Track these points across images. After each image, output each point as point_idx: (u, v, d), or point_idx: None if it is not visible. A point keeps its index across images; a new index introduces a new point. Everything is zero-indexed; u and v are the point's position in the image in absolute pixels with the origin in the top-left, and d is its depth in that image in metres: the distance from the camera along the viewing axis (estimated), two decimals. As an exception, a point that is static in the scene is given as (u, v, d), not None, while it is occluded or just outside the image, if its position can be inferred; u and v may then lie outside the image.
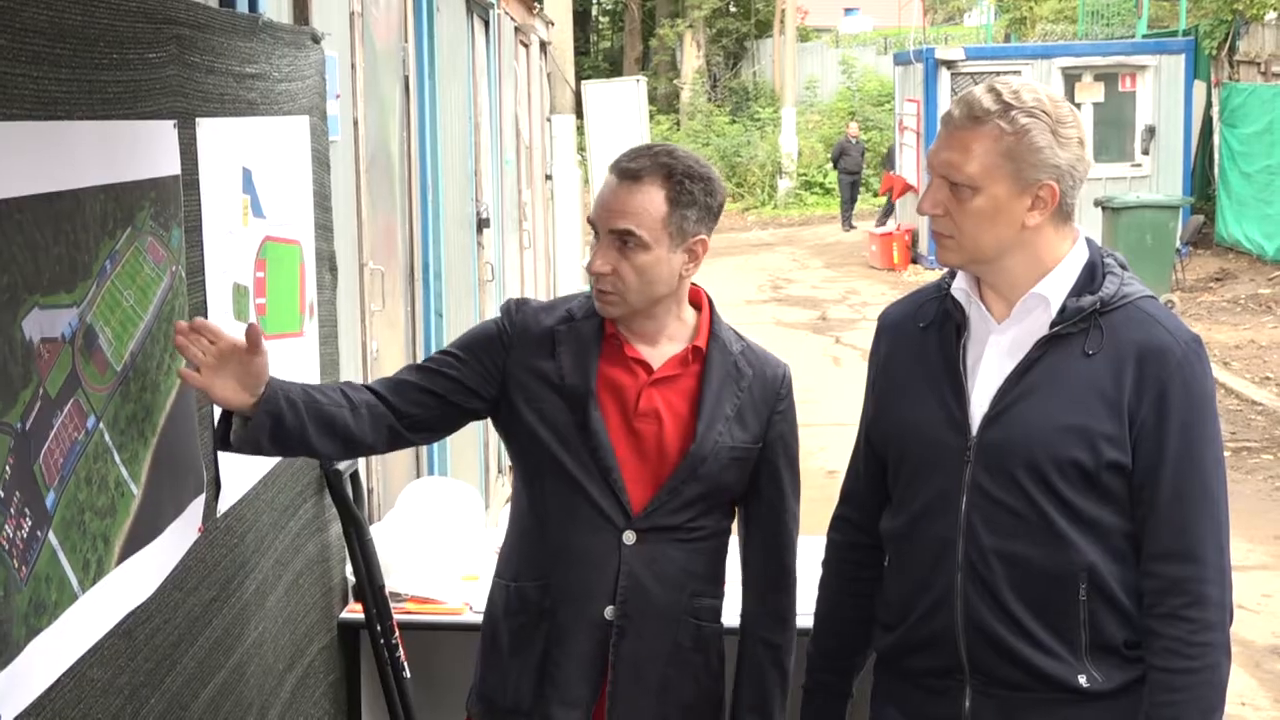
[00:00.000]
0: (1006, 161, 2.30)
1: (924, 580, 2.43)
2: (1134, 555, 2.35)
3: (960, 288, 2.46)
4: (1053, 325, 2.35)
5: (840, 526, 2.67)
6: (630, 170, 2.60)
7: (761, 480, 2.73)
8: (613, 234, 2.59)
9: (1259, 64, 18.50)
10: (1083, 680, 2.35)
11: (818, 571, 2.72)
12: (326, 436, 2.58)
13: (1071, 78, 18.70)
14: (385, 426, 2.64)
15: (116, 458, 2.22)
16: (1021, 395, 2.35)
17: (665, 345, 2.69)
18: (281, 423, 2.51)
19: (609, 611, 2.64)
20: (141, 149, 2.33)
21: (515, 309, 2.74)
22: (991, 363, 2.40)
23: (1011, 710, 2.39)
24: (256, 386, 2.49)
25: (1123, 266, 2.43)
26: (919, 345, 2.49)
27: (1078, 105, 18.12)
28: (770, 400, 2.72)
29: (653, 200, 2.58)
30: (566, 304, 2.74)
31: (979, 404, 2.39)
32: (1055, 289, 2.37)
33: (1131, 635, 2.36)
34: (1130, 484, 2.33)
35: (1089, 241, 2.44)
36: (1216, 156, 18.41)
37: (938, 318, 2.48)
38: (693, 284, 2.73)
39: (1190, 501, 2.31)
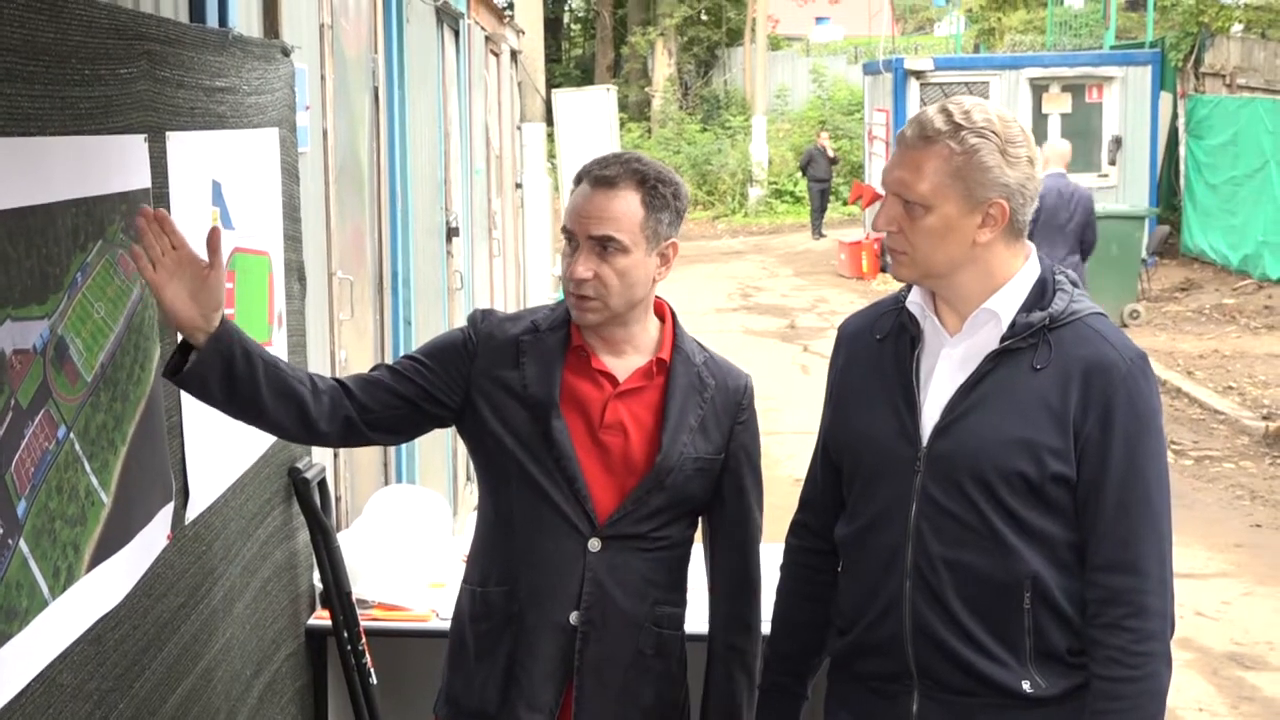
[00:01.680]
0: (956, 181, 2.36)
1: (874, 586, 2.49)
2: (1078, 565, 2.40)
3: (915, 301, 2.51)
4: (1003, 340, 2.41)
5: (798, 532, 2.72)
6: (605, 177, 2.65)
7: (726, 490, 2.76)
8: (592, 240, 2.63)
9: (1224, 76, 18.67)
10: (1026, 686, 2.40)
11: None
12: (282, 406, 2.54)
13: (1039, 88, 18.82)
14: (343, 417, 2.63)
15: (87, 467, 2.25)
16: (970, 408, 2.40)
17: (631, 357, 2.73)
18: (233, 368, 2.46)
19: (574, 617, 2.68)
20: (113, 163, 2.37)
21: (481, 318, 2.77)
22: (943, 375, 2.45)
23: (958, 714, 2.43)
24: (209, 311, 2.43)
25: (1074, 284, 2.48)
26: (875, 357, 2.54)
27: (1044, 116, 18.28)
28: (732, 411, 2.76)
29: (630, 205, 2.63)
30: (532, 315, 2.78)
31: (930, 416, 2.44)
32: (1006, 304, 2.42)
33: (1075, 643, 2.41)
34: (1075, 496, 2.38)
35: (1041, 258, 2.49)
36: (1182, 167, 18.55)
37: (894, 330, 2.53)
38: (656, 296, 2.77)
39: (1133, 514, 2.36)
